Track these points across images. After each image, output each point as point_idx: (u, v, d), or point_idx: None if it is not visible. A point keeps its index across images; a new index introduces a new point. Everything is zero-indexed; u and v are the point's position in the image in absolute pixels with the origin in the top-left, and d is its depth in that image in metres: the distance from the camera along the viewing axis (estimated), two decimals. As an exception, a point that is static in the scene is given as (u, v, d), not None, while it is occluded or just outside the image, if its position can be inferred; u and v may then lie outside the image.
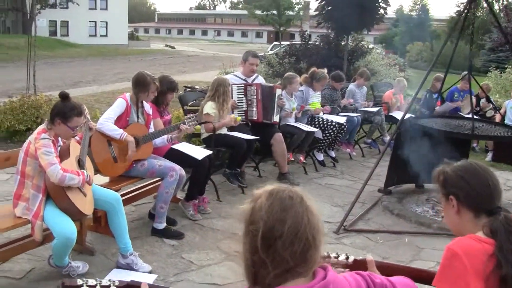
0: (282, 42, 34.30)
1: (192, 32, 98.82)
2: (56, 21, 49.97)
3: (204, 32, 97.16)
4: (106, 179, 5.09)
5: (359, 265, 2.21)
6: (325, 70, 8.68)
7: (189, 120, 5.42)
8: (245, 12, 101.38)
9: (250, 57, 7.41)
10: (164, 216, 5.18)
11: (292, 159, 7.82)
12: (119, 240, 4.42)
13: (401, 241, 5.58)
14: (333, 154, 8.78)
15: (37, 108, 8.86)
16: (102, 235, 5.09)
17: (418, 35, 44.78)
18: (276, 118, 7.43)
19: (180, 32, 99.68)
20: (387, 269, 2.25)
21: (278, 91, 7.47)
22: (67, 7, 45.42)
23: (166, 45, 56.53)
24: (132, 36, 61.20)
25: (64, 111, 4.01)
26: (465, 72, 10.29)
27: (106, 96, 15.25)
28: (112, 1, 55.11)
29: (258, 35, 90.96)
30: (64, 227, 3.89)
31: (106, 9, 55.30)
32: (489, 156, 9.82)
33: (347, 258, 2.24)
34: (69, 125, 4.03)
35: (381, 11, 13.10)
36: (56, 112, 4.05)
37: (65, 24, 52.55)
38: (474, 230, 2.21)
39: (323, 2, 13.16)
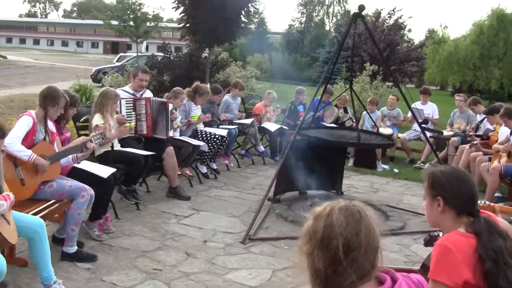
0: (130, 53, 33.79)
1: (22, 40, 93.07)
2: None
3: (36, 41, 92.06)
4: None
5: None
6: (208, 85, 8.82)
7: (96, 137, 5.25)
8: (79, 21, 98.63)
9: (140, 72, 7.34)
10: (75, 239, 4.96)
11: (179, 172, 7.84)
12: (43, 269, 4.16)
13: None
14: (214, 166, 8.92)
15: None
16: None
17: (257, 47, 46.35)
18: (171, 133, 7.43)
19: (9, 40, 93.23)
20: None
21: (171, 106, 7.47)
22: None
23: (-3, 54, 52.82)
24: (-45, 45, 56.32)
25: None
26: (329, 86, 11.01)
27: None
28: None
29: (94, 45, 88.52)
30: (-9, 260, 3.59)
31: None
32: (351, 161, 10.51)
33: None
34: None
35: (243, 25, 13.49)
36: None
37: None
38: (455, 227, 2.53)
39: (186, 16, 13.25)
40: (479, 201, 3.24)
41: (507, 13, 30.89)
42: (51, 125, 5.12)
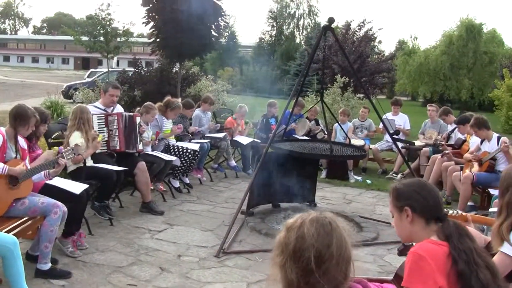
0: (100, 69, 33.63)
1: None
2: None
3: (6, 58, 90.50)
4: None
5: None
6: (179, 100, 8.84)
7: (67, 153, 5.23)
8: (49, 37, 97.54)
9: (111, 88, 7.35)
10: (49, 255, 4.93)
11: (152, 187, 7.83)
12: (17, 286, 4.13)
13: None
14: (187, 180, 8.91)
15: None
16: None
17: (228, 61, 46.57)
18: (140, 146, 7.43)
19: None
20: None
21: (138, 119, 7.48)
22: None
23: (-35, 72, 52.19)
24: None
25: None
26: (300, 98, 11.10)
27: None
28: None
29: (64, 61, 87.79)
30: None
31: None
32: (324, 173, 10.56)
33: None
34: None
35: (213, 39, 13.54)
36: None
37: None
38: (426, 236, 2.59)
39: (156, 31, 13.25)
40: (451, 211, 3.33)
41: (476, 23, 31.53)
42: (22, 142, 5.08)
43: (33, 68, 76.88)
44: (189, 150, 8.50)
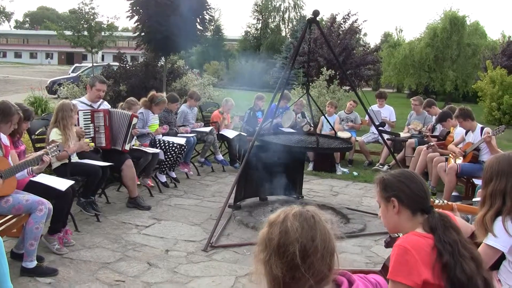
0: (85, 64, 33.44)
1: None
2: None
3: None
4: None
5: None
6: (164, 94, 8.78)
7: (52, 150, 5.17)
8: (32, 32, 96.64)
9: (97, 82, 7.28)
10: (35, 253, 4.87)
11: (138, 182, 7.79)
12: (2, 286, 4.08)
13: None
14: (174, 174, 8.88)
15: None
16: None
17: (213, 54, 46.46)
18: (127, 147, 7.35)
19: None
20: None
21: (135, 120, 7.42)
22: None
23: None
24: None
25: None
26: (286, 91, 11.09)
27: None
28: None
29: (48, 56, 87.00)
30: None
31: None
32: (311, 166, 10.58)
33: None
34: None
35: (198, 33, 13.50)
36: None
37: None
38: (412, 227, 2.61)
39: (141, 25, 13.19)
40: (437, 200, 3.35)
41: (459, 15, 31.73)
42: (4, 139, 5.02)
43: (16, 63, 76.12)
44: (175, 144, 8.47)
